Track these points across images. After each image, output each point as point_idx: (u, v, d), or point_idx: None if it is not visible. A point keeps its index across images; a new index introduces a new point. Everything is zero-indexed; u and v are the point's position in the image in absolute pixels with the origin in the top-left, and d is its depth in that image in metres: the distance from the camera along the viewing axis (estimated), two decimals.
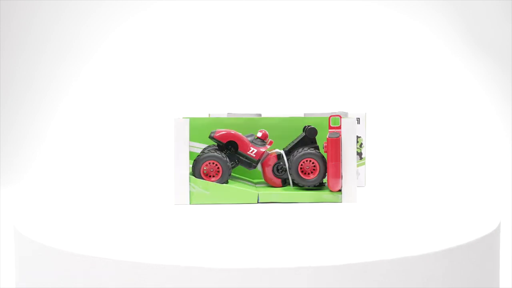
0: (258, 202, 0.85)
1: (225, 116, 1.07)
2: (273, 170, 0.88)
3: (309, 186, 0.87)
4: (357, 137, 1.06)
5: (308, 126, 0.89)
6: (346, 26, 2.66)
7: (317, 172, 0.86)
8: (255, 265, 0.52)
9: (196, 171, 0.85)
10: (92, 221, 0.73)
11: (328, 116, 0.91)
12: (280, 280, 0.52)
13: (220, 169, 0.85)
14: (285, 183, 0.90)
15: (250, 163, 0.88)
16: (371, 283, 0.54)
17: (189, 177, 0.84)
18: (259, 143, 0.88)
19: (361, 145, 1.06)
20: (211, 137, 0.87)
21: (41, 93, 2.69)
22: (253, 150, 0.87)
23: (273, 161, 0.88)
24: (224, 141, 0.87)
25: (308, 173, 0.87)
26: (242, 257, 0.55)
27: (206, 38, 2.67)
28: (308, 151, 0.86)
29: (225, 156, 0.85)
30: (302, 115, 0.99)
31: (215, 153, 0.85)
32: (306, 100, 2.53)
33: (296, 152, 0.87)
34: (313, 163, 0.86)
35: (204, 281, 0.52)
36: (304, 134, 0.89)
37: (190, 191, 0.84)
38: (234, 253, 0.56)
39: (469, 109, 2.56)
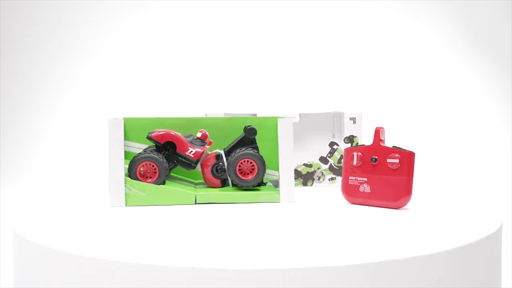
0: (195, 203, 0.83)
1: (222, 116, 1.07)
2: (212, 171, 0.87)
3: (247, 187, 0.86)
4: (353, 137, 1.06)
5: (248, 126, 0.87)
6: (346, 26, 2.66)
7: (255, 173, 0.85)
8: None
9: (132, 172, 0.82)
10: (90, 222, 0.73)
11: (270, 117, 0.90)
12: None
13: (157, 170, 0.83)
14: (224, 183, 0.88)
15: (189, 163, 0.86)
16: (372, 283, 0.54)
17: (125, 179, 0.82)
18: (198, 143, 0.86)
19: (357, 144, 1.06)
20: (148, 138, 0.85)
21: (41, 93, 2.68)
22: (191, 151, 0.85)
23: (212, 161, 0.87)
24: (162, 142, 0.85)
25: (247, 174, 0.85)
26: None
27: (205, 38, 2.67)
28: (247, 151, 0.85)
29: (162, 157, 0.83)
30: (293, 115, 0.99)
31: (152, 154, 0.83)
32: (302, 100, 2.53)
33: (234, 152, 0.86)
34: (251, 163, 0.85)
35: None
36: (243, 134, 0.87)
37: (126, 193, 0.82)
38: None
39: (469, 109, 2.56)
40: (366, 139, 1.14)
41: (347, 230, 0.67)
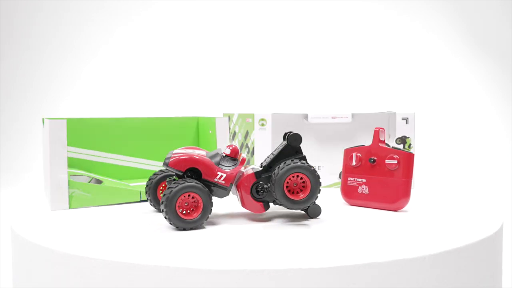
0: (140, 201, 0.80)
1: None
2: (251, 193, 0.69)
3: (300, 210, 0.69)
4: (406, 137, 1.04)
5: (290, 132, 0.71)
6: (346, 26, 2.66)
7: (308, 190, 0.67)
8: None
9: (171, 208, 0.64)
10: (89, 223, 0.73)
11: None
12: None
13: (200, 204, 0.65)
14: (267, 206, 0.71)
15: (220, 190, 0.68)
16: (372, 284, 0.54)
17: (68, 181, 0.78)
18: (229, 163, 0.69)
19: (409, 145, 1.04)
20: (165, 165, 0.68)
21: (42, 93, 2.68)
22: (221, 176, 0.68)
23: (250, 181, 0.69)
24: (183, 170, 0.67)
25: (297, 192, 0.68)
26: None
27: (209, 38, 2.67)
28: (294, 164, 0.67)
29: (203, 186, 0.66)
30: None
31: (192, 182, 0.65)
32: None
33: (278, 168, 0.68)
34: (301, 179, 0.67)
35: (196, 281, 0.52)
36: (285, 142, 0.71)
37: (69, 195, 0.79)
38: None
39: (469, 109, 2.56)
40: (419, 140, 1.12)
41: (344, 232, 0.67)
